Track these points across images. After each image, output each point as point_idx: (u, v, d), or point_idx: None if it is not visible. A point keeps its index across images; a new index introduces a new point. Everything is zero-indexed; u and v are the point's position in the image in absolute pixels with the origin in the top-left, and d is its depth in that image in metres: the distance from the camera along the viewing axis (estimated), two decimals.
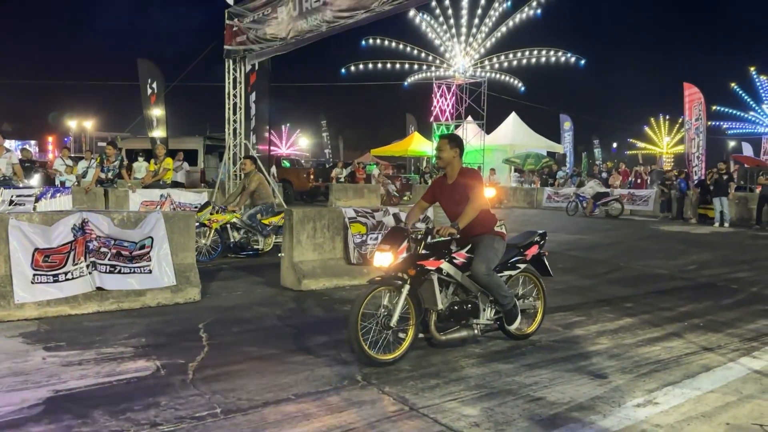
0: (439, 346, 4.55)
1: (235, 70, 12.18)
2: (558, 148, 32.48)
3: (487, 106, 25.43)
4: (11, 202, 9.74)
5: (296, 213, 7.08)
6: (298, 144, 56.91)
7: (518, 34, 24.98)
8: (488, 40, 25.61)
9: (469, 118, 26.58)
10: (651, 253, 10.71)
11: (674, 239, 13.01)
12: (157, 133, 16.42)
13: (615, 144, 61.61)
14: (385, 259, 4.18)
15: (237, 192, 9.49)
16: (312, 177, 22.31)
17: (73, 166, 14.21)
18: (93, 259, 5.56)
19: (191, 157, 17.28)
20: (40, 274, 5.28)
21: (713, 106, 33.22)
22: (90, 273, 5.54)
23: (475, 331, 4.57)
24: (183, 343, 4.61)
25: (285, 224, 7.19)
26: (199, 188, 14.19)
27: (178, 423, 3.15)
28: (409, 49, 26.11)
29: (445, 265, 4.35)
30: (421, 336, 4.38)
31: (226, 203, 9.28)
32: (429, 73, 27.26)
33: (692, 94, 19.18)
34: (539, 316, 5.03)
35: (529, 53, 25.69)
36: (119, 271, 5.73)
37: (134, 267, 5.84)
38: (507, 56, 26.28)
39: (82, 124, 50.79)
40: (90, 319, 5.26)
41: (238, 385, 3.72)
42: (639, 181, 23.90)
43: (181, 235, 6.32)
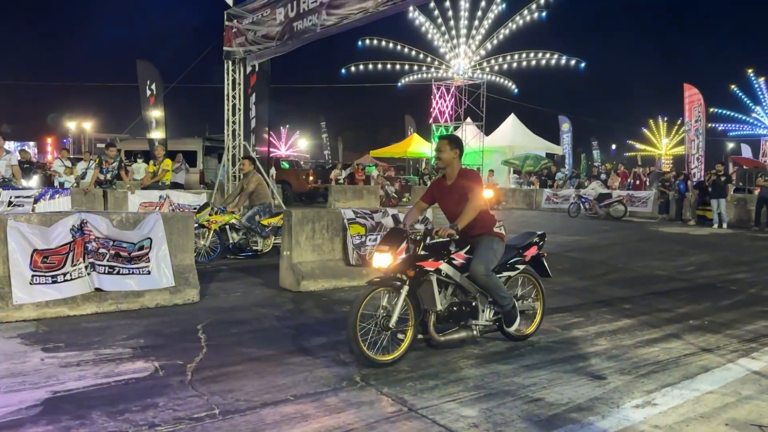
0: (438, 347, 4.54)
1: (234, 71, 12.19)
2: (557, 149, 32.49)
3: (486, 108, 25.48)
4: (10, 203, 9.74)
5: (295, 214, 7.07)
6: (297, 145, 56.96)
7: (518, 36, 25.06)
8: (488, 41, 25.65)
9: (468, 120, 26.59)
10: (650, 254, 10.71)
11: (673, 240, 13.02)
12: (156, 134, 16.39)
13: (614, 145, 61.81)
14: (384, 260, 4.18)
15: (235, 193, 9.48)
16: (311, 178, 22.29)
17: (72, 168, 14.23)
18: (92, 260, 5.56)
19: (190, 158, 17.29)
20: (39, 275, 5.28)
21: (710, 109, 33.18)
22: (89, 274, 5.53)
23: (474, 332, 4.56)
24: (181, 344, 4.60)
25: (284, 225, 7.19)
26: (198, 189, 14.19)
27: (177, 424, 3.15)
28: (408, 51, 26.13)
29: (444, 266, 4.35)
30: (420, 337, 4.38)
31: (224, 204, 9.27)
32: (428, 74, 27.28)
33: (692, 95, 19.23)
34: (538, 317, 5.03)
35: (527, 55, 25.70)
36: (118, 272, 5.73)
37: (133, 268, 5.83)
38: (506, 58, 26.30)
39: (81, 126, 50.70)
40: (88, 320, 5.26)
41: (236, 386, 3.71)
42: (638, 183, 23.90)
43: (179, 236, 6.32)
